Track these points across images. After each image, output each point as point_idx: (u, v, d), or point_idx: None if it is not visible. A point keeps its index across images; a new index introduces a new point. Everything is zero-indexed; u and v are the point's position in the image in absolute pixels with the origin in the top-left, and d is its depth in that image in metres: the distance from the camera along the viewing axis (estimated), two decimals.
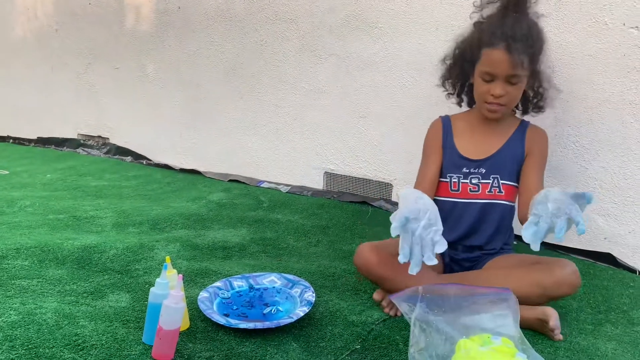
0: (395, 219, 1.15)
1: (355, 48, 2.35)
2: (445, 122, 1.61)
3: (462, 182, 1.53)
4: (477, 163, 1.52)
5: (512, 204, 1.55)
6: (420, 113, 2.17)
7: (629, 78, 1.75)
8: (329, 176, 2.54)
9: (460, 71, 1.57)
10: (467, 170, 1.52)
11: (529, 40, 1.40)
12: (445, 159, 1.56)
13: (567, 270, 1.32)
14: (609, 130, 1.80)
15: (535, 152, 1.52)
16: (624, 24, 1.73)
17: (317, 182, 2.57)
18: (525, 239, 1.18)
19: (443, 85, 1.65)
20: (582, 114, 1.84)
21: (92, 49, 3.39)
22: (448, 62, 1.60)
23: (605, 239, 1.86)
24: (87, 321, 1.20)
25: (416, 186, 1.55)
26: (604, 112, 1.80)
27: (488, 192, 1.51)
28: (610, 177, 1.82)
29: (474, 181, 1.52)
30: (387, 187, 2.36)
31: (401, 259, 1.16)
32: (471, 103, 1.64)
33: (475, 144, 1.54)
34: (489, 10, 1.48)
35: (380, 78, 2.30)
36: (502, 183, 1.50)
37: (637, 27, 1.72)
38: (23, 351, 1.06)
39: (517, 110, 1.63)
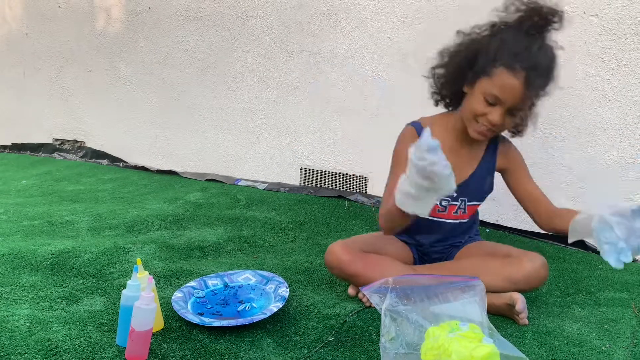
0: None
1: (326, 44, 2.36)
2: (420, 132, 1.40)
3: None
4: None
5: (473, 217, 1.54)
6: (393, 105, 2.19)
7: (591, 65, 1.79)
8: (305, 172, 2.55)
9: (458, 75, 1.38)
10: None
11: (549, 74, 1.30)
12: None
13: (536, 265, 1.35)
14: (574, 117, 1.84)
15: (517, 167, 1.50)
16: (585, 12, 1.77)
17: (293, 178, 2.58)
18: (612, 264, 1.10)
19: (436, 87, 1.46)
20: (548, 101, 1.87)
21: (64, 52, 3.36)
22: (446, 60, 1.41)
23: None
24: (61, 326, 1.21)
25: (385, 198, 1.43)
26: (568, 100, 1.84)
27: (454, 213, 1.49)
28: (576, 162, 1.86)
29: (443, 203, 1.47)
30: (363, 180, 2.38)
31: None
32: (455, 107, 1.48)
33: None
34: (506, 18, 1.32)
35: (352, 73, 2.32)
36: (467, 205, 1.50)
37: (597, 15, 1.75)
38: None
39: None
